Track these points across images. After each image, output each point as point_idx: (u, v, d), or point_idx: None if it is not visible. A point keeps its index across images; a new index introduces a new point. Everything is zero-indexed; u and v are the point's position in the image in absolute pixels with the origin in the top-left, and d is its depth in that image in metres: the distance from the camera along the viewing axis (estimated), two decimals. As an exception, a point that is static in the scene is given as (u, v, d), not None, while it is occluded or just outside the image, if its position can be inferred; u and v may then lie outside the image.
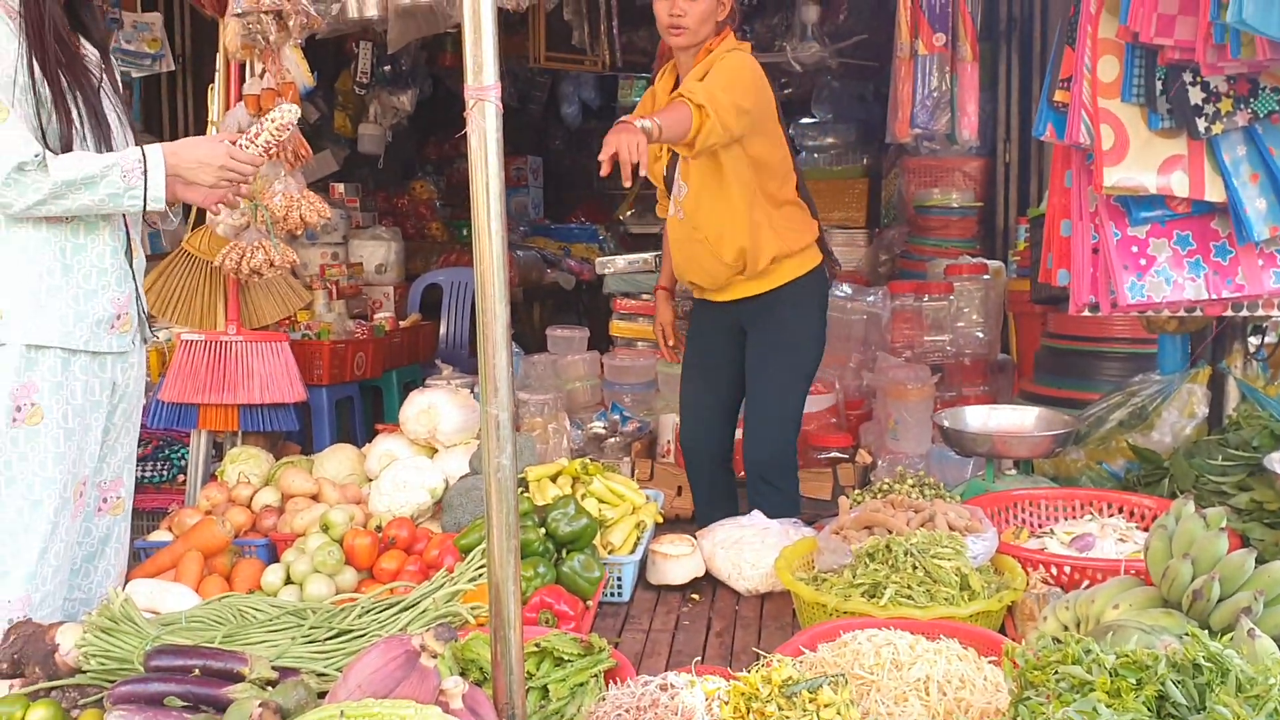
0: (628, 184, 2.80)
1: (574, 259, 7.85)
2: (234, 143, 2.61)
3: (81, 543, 2.65)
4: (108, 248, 2.55)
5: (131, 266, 2.63)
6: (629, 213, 9.76)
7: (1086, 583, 2.45)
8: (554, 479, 3.14)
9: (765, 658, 1.94)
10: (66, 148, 2.44)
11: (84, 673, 2.18)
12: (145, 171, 2.43)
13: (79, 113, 2.46)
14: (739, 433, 3.70)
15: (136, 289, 2.65)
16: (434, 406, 3.50)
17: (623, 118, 2.85)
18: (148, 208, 2.46)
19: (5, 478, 2.46)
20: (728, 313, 3.47)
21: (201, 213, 3.79)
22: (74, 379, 2.51)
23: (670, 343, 3.78)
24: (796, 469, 3.57)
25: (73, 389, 2.51)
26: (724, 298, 3.44)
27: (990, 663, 2.05)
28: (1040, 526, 2.94)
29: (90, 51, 2.59)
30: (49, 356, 2.47)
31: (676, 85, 3.37)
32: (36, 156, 2.34)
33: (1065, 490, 3.10)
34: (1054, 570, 2.56)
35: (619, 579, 2.90)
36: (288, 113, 2.63)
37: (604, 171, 2.68)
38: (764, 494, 3.40)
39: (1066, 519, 2.96)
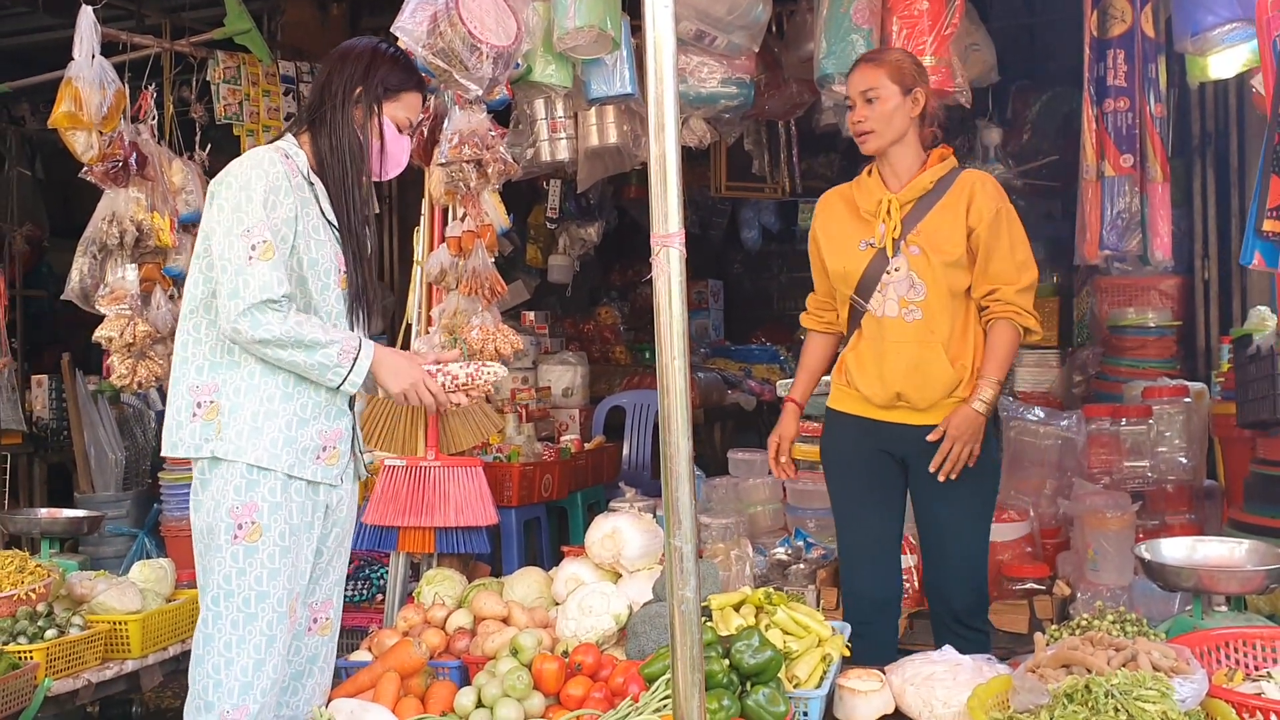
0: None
1: (755, 380, 7.88)
2: (443, 365, 2.90)
3: (291, 660, 2.79)
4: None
5: (351, 408, 2.82)
6: (810, 332, 9.77)
7: (1311, 734, 2.29)
8: (737, 608, 3.13)
9: (957, 804, 1.89)
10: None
11: (290, 789, 2.29)
12: (356, 359, 2.65)
13: (356, 260, 2.76)
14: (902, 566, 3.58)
15: (354, 428, 2.83)
16: (618, 531, 3.56)
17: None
18: (342, 388, 2.66)
19: (224, 591, 2.63)
20: (897, 439, 3.28)
21: (406, 345, 4.04)
22: (291, 500, 2.68)
23: (784, 459, 3.51)
24: (989, 606, 3.47)
25: (290, 509, 2.68)
26: (924, 420, 3.23)
27: (1203, 819, 1.94)
28: (1256, 669, 2.75)
29: None
30: (270, 478, 2.64)
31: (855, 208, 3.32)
32: (285, 297, 2.57)
33: (1284, 630, 2.90)
34: (1274, 718, 2.40)
35: (805, 714, 2.85)
36: (495, 372, 2.87)
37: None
38: (965, 637, 3.28)
39: (1286, 662, 2.76)
